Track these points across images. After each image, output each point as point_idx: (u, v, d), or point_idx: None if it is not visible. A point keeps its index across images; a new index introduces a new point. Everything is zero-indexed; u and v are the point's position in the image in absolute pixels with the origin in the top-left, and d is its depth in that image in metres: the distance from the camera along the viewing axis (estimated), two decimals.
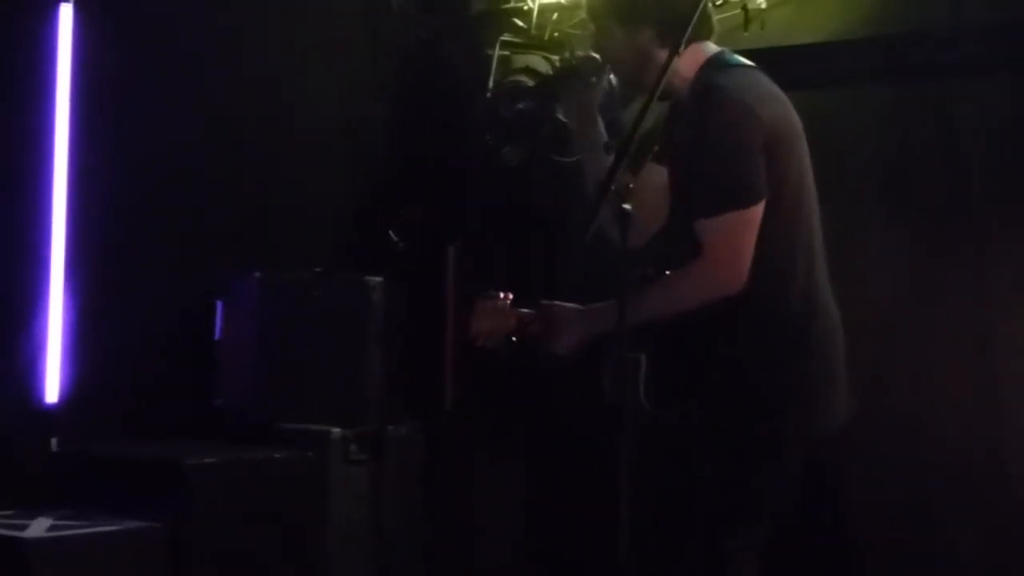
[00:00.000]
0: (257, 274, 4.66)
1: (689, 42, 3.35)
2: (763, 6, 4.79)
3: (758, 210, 3.33)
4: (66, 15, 4.33)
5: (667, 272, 3.41)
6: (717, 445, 3.41)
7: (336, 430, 4.52)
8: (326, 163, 5.27)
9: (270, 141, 5.04)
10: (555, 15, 5.22)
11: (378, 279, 4.68)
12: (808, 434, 3.46)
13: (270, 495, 4.30)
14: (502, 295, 3.61)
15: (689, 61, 3.49)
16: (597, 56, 3.77)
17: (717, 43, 3.67)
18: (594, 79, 3.77)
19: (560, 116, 4.13)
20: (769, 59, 3.86)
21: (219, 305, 4.71)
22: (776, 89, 3.55)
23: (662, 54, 3.43)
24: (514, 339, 3.59)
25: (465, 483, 5.25)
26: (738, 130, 3.35)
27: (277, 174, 5.08)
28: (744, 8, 4.76)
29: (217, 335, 4.71)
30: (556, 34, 5.24)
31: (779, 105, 3.50)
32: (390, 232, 4.36)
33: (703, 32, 3.55)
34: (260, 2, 5.07)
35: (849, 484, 4.71)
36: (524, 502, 5.39)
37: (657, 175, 3.67)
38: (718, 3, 4.61)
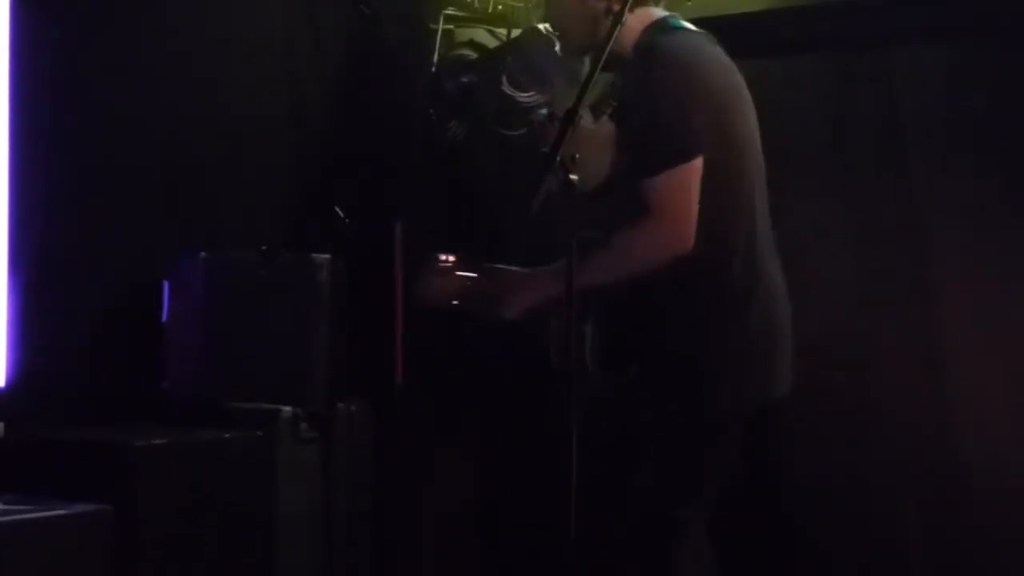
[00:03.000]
0: (203, 254, 4.62)
1: (635, 6, 3.35)
2: None
3: (698, 165, 3.33)
4: (3, 6, 4.29)
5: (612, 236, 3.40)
6: (660, 412, 3.42)
7: (286, 408, 4.49)
8: (270, 141, 5.22)
9: (212, 121, 4.99)
10: None
11: (325, 257, 4.64)
12: (748, 402, 3.47)
13: (220, 476, 4.27)
14: (445, 258, 3.59)
15: (635, 25, 3.50)
16: (541, 28, 3.78)
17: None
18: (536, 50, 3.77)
19: (505, 89, 4.11)
20: (713, 28, 3.87)
21: (165, 286, 4.67)
22: (722, 54, 3.56)
23: (606, 17, 3.44)
24: (455, 303, 3.57)
25: (415, 460, 5.24)
26: (678, 88, 3.35)
27: (220, 153, 5.03)
28: None
29: (164, 317, 4.67)
30: (500, 7, 5.22)
31: (724, 69, 3.51)
32: (336, 209, 4.34)
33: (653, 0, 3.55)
34: None
35: (792, 461, 4.74)
36: (475, 477, 5.39)
37: (606, 129, 3.67)
38: None
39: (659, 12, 3.60)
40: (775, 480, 4.70)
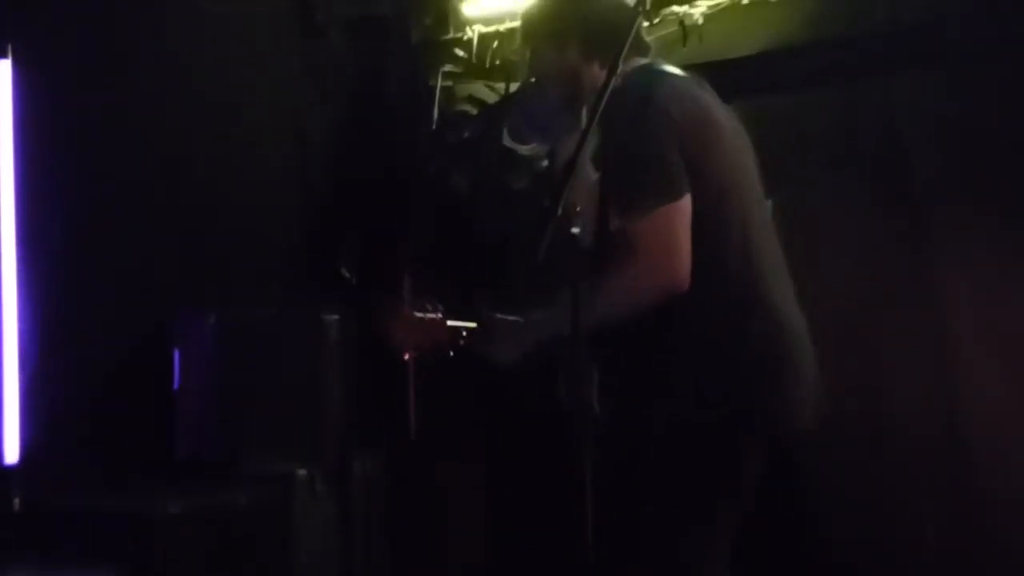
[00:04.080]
0: (212, 318, 4.63)
1: (625, 60, 3.36)
2: (700, 21, 4.82)
3: (686, 202, 3.33)
4: (4, 70, 4.32)
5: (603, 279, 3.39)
6: (665, 451, 3.40)
7: (300, 469, 4.49)
8: (274, 198, 5.26)
9: (216, 182, 5.03)
10: (495, 43, 5.23)
11: (334, 316, 4.66)
12: (756, 438, 3.45)
13: (237, 540, 4.27)
14: (431, 309, 3.61)
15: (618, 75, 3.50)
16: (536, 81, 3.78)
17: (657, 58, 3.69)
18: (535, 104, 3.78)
19: (506, 142, 4.13)
20: (710, 72, 3.89)
21: (176, 354, 4.68)
22: (704, 93, 3.55)
23: (593, 70, 3.46)
24: (452, 353, 3.59)
25: (430, 512, 5.24)
26: (656, 128, 3.34)
27: (225, 214, 5.06)
28: (681, 23, 4.79)
29: (176, 384, 4.68)
30: (497, 62, 5.25)
31: (705, 108, 3.49)
32: (341, 269, 4.36)
33: (639, 50, 3.56)
34: (199, 46, 5.06)
35: (809, 472, 4.73)
36: (489, 527, 5.38)
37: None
38: (655, 21, 4.64)
39: (643, 60, 3.61)
40: (800, 506, 4.68)
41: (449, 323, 3.62)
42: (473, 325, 3.59)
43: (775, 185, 3.71)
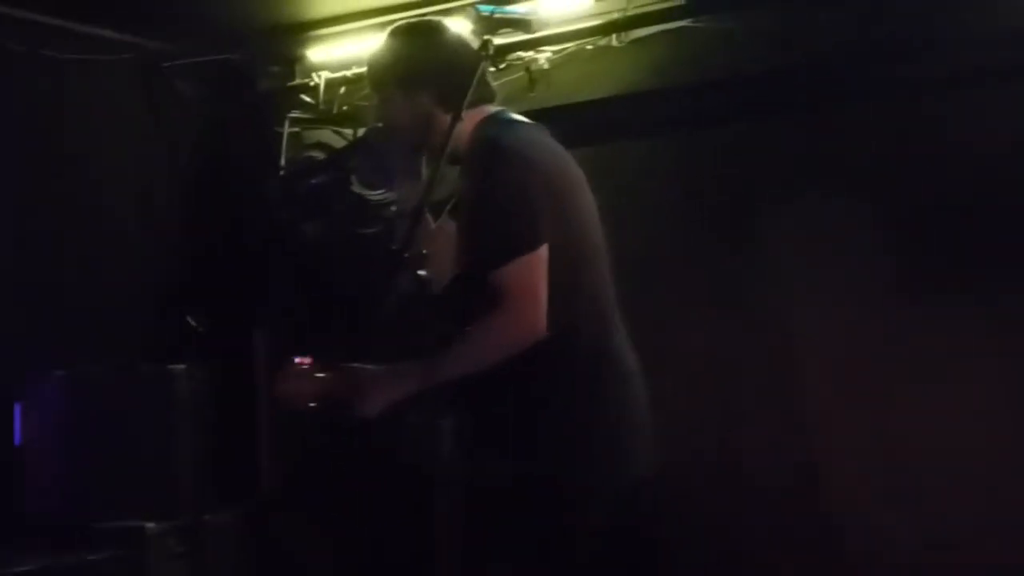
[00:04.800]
0: (58, 372, 4.54)
1: (471, 105, 3.38)
2: (546, 67, 4.86)
3: (544, 253, 3.35)
4: None
5: (466, 328, 3.40)
6: (518, 501, 3.40)
7: (151, 524, 4.41)
8: (120, 251, 5.17)
9: (61, 235, 4.94)
10: (342, 89, 5.23)
11: (181, 367, 4.59)
12: (608, 484, 3.46)
13: None
14: (301, 360, 3.57)
15: (469, 122, 3.51)
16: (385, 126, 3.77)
17: (505, 104, 3.71)
18: (382, 149, 3.76)
19: (355, 188, 4.11)
20: (558, 117, 3.94)
21: (17, 408, 4.57)
22: (553, 143, 3.58)
23: (442, 116, 3.47)
24: (312, 404, 3.55)
25: (286, 565, 5.17)
26: (514, 178, 3.36)
27: (70, 267, 4.97)
28: (528, 70, 4.83)
29: (17, 440, 4.57)
30: (345, 108, 5.24)
31: (554, 156, 3.53)
32: (188, 318, 4.30)
33: (485, 96, 3.58)
34: (43, 96, 4.98)
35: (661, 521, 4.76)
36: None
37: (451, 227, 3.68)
38: (502, 66, 4.67)
39: (490, 108, 3.64)
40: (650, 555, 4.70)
41: (315, 374, 3.58)
42: (331, 375, 3.56)
43: (622, 230, 3.74)
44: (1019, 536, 4.36)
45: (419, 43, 3.59)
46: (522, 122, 3.60)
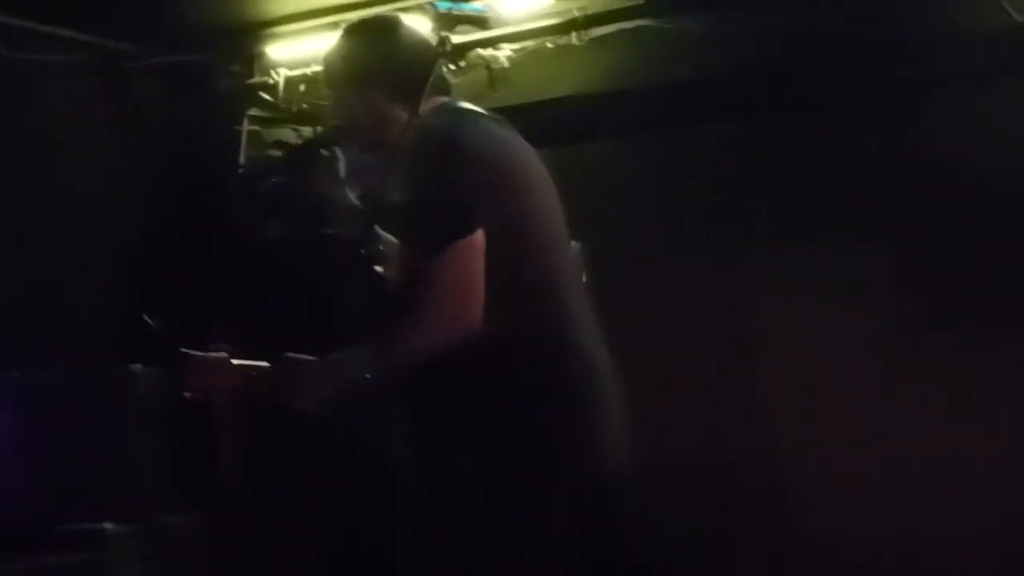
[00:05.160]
0: (14, 374, 4.51)
1: (427, 100, 3.36)
2: (506, 65, 4.86)
3: (475, 241, 3.31)
4: None
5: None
6: (477, 497, 3.38)
7: (111, 526, 4.38)
8: (79, 251, 5.14)
9: (19, 235, 4.90)
10: (302, 87, 5.21)
11: (140, 367, 4.56)
12: (564, 480, 3.43)
13: None
14: (217, 351, 3.54)
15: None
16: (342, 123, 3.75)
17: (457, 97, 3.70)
18: (338, 147, 3.74)
19: (318, 188, 4.08)
20: (520, 116, 3.92)
21: None
22: (500, 132, 3.54)
23: (398, 112, 3.44)
24: (232, 396, 3.51)
25: (253, 561, 5.14)
26: (445, 165, 3.33)
27: (27, 267, 4.93)
28: (488, 68, 4.82)
29: None
30: (305, 106, 5.22)
31: (500, 145, 3.48)
32: (146, 319, 4.27)
33: (438, 89, 3.56)
34: (2, 96, 4.94)
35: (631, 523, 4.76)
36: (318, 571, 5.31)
37: None
38: (462, 64, 4.66)
39: (443, 99, 3.61)
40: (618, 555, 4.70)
41: (235, 362, 3.53)
42: (264, 364, 3.51)
43: (587, 228, 3.74)
44: (993, 535, 4.38)
45: (372, 41, 3.57)
46: (465, 110, 3.56)
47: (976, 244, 4.46)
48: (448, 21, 3.42)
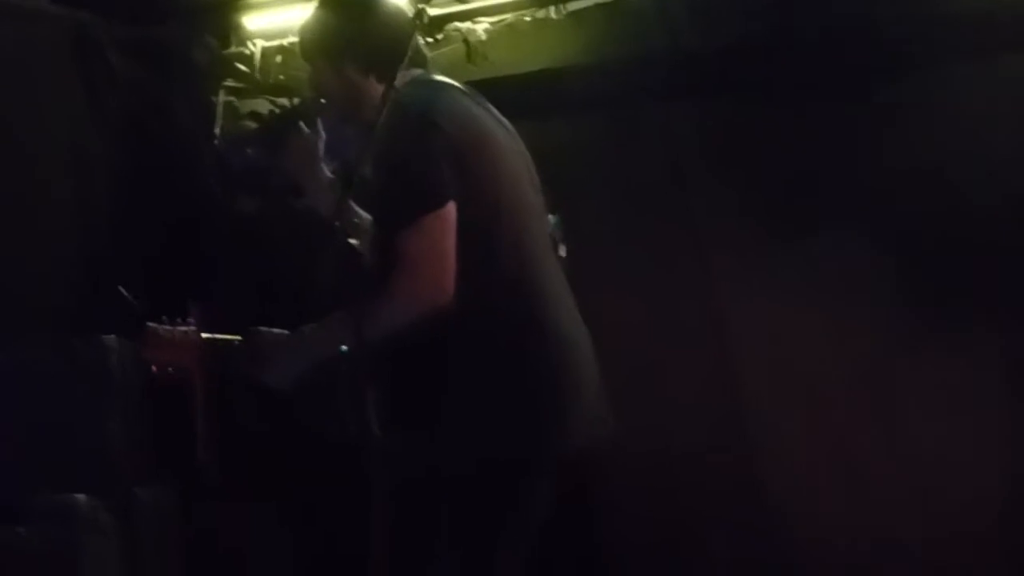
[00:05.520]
0: None
1: (402, 73, 3.35)
2: (484, 38, 4.84)
3: (447, 213, 3.30)
4: None
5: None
6: (447, 472, 3.37)
7: (83, 499, 4.36)
8: (54, 224, 5.10)
9: None
10: (278, 58, 5.18)
11: (113, 339, 4.54)
12: (540, 451, 3.43)
13: (19, 573, 4.13)
14: (179, 324, 3.52)
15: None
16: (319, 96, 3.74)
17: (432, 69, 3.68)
18: (315, 120, 3.71)
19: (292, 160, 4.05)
20: (496, 89, 3.91)
21: None
22: (472, 105, 3.53)
23: (374, 85, 3.43)
24: (209, 370, 3.50)
25: (227, 540, 5.13)
26: (418, 138, 3.32)
27: (2, 241, 4.90)
28: (466, 41, 4.81)
29: None
30: (281, 77, 5.20)
31: (469, 117, 3.47)
32: (121, 289, 4.25)
33: (417, 63, 3.55)
34: None
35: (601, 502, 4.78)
36: (292, 551, 5.30)
37: None
38: (439, 37, 4.64)
39: (417, 71, 3.61)
40: (588, 530, 4.72)
41: (205, 336, 3.51)
42: (234, 338, 3.50)
43: (557, 203, 3.73)
44: (957, 524, 4.40)
45: (348, 13, 3.56)
46: (447, 84, 3.56)
47: (947, 233, 4.47)
48: None
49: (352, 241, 3.06)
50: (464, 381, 3.34)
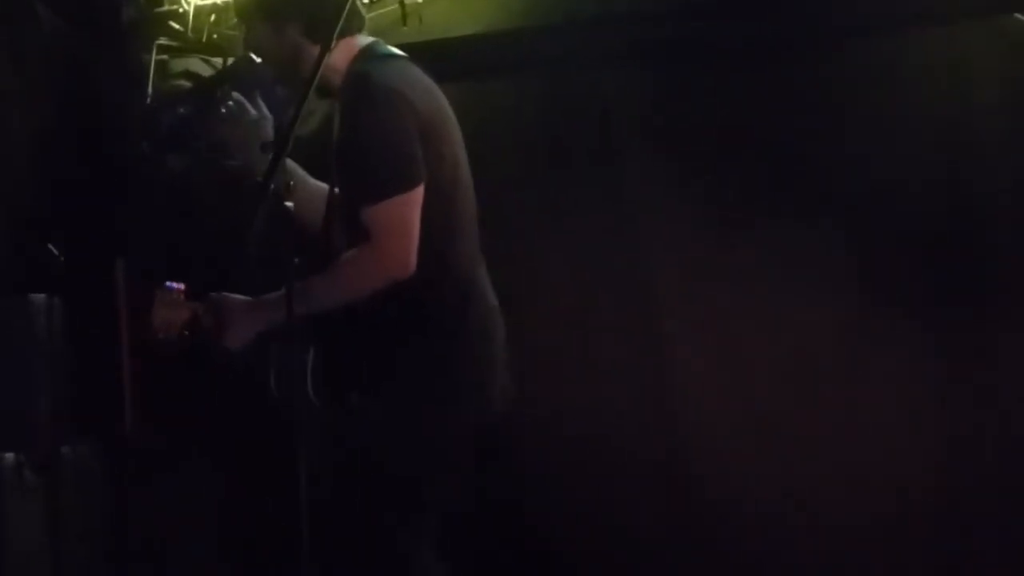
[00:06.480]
0: None
1: (341, 36, 3.36)
2: (420, 0, 4.82)
3: (419, 192, 3.37)
4: None
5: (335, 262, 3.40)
6: (381, 436, 3.42)
7: (7, 455, 4.33)
8: None
9: None
10: (212, 17, 5.12)
11: (40, 296, 4.50)
12: (467, 420, 3.49)
13: None
14: (175, 287, 3.55)
15: (342, 54, 3.50)
16: (255, 57, 3.73)
17: (376, 37, 3.69)
18: (248, 79, 3.72)
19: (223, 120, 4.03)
20: (429, 52, 3.91)
21: None
22: (426, 79, 3.59)
23: (312, 48, 3.44)
24: (186, 332, 3.54)
25: (151, 503, 5.10)
26: (391, 116, 3.38)
27: None
28: (401, 3, 4.78)
29: None
30: (215, 36, 5.14)
31: (429, 94, 3.55)
32: (50, 247, 4.22)
33: (354, 25, 3.56)
34: None
35: (527, 479, 4.79)
36: (216, 515, 5.28)
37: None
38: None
39: (364, 40, 3.61)
40: (508, 495, 4.74)
41: (187, 302, 3.56)
42: (199, 304, 3.54)
43: (488, 172, 3.75)
44: (882, 496, 4.45)
45: None
46: (396, 56, 3.60)
47: (891, 202, 4.47)
48: None
49: (288, 204, 3.07)
50: (401, 345, 3.39)
